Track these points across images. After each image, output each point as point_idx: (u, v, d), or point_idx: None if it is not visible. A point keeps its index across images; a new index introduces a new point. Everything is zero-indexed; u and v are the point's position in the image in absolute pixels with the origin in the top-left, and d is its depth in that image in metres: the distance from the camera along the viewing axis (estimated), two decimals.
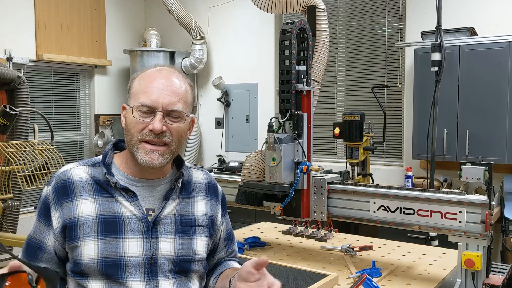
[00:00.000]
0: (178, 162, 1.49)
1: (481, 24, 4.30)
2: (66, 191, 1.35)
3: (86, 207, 1.34)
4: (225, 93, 5.89)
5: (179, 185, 1.43)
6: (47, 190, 1.38)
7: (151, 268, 1.34)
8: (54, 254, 1.37)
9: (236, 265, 1.59)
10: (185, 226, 1.41)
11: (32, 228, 1.39)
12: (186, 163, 1.52)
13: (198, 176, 1.53)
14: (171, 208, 1.40)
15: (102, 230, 1.32)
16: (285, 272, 2.23)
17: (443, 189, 3.69)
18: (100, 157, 1.43)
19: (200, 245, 1.44)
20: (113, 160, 1.43)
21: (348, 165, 4.01)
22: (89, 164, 1.41)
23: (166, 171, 1.44)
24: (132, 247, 1.33)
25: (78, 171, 1.39)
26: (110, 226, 1.33)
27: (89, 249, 1.31)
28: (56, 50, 5.43)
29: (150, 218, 1.36)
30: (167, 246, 1.37)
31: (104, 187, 1.37)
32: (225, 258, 1.61)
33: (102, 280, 1.32)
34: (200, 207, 1.47)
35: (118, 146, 1.48)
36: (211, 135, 6.08)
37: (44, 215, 1.36)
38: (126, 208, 1.35)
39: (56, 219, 1.34)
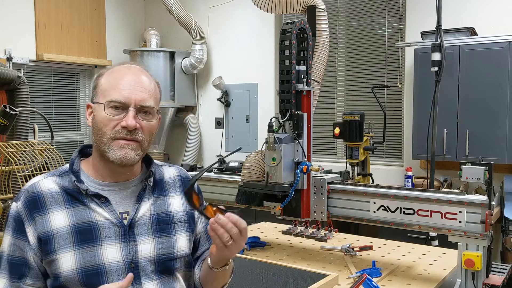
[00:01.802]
0: (147, 161, 1.46)
1: (481, 24, 4.30)
2: (36, 204, 1.31)
3: (59, 219, 1.30)
4: (225, 93, 5.89)
5: (151, 184, 1.41)
6: (18, 206, 1.32)
7: (133, 271, 1.31)
8: (38, 269, 1.32)
9: None
10: (163, 225, 1.39)
11: (7, 247, 1.32)
12: (157, 161, 1.49)
13: (170, 173, 1.50)
14: (145, 208, 1.38)
15: (78, 240, 1.29)
16: (285, 272, 2.23)
17: (443, 189, 3.69)
18: (67, 166, 1.39)
19: (181, 241, 1.42)
20: (81, 167, 1.39)
21: (348, 165, 4.01)
22: (57, 175, 1.37)
23: (136, 171, 1.41)
24: (111, 253, 1.30)
25: (47, 183, 1.34)
26: (85, 235, 1.30)
27: (67, 261, 1.28)
28: (56, 50, 5.43)
29: (125, 222, 1.34)
30: (147, 247, 1.35)
31: (74, 196, 1.33)
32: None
33: None
34: (176, 203, 1.44)
35: (84, 152, 1.44)
36: (211, 135, 6.08)
37: (20, 231, 1.31)
38: (99, 214, 1.32)
39: (31, 235, 1.30)
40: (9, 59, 4.95)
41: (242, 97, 5.83)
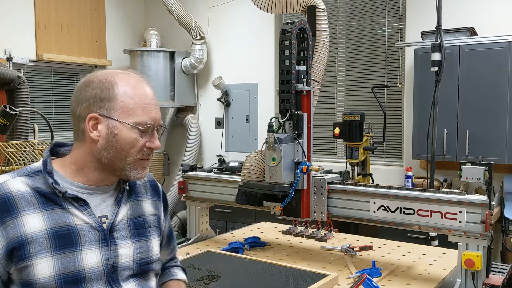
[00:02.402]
0: None
1: (481, 24, 4.30)
2: (6, 207, 1.20)
3: (34, 222, 1.21)
4: (225, 93, 5.89)
5: (127, 188, 1.39)
6: None
7: (111, 276, 1.28)
8: (0, 279, 1.22)
9: (180, 274, 1.59)
10: (139, 229, 1.37)
11: None
12: None
13: None
14: (124, 212, 1.35)
15: (57, 245, 1.21)
16: (285, 272, 2.23)
17: (443, 189, 3.69)
18: (36, 165, 1.30)
19: (155, 245, 1.42)
20: (53, 167, 1.30)
21: (348, 165, 4.01)
22: (26, 175, 1.27)
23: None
24: (91, 258, 1.25)
25: (15, 184, 1.24)
26: (64, 240, 1.22)
27: (44, 267, 1.20)
28: (56, 50, 5.43)
29: (104, 226, 1.30)
30: (126, 251, 1.32)
31: (50, 198, 1.24)
32: (168, 263, 1.60)
33: None
34: (148, 207, 1.44)
35: (54, 151, 1.36)
36: (211, 135, 6.07)
37: None
38: (78, 218, 1.26)
39: None
40: (9, 59, 4.95)
41: (242, 97, 5.83)
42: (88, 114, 1.26)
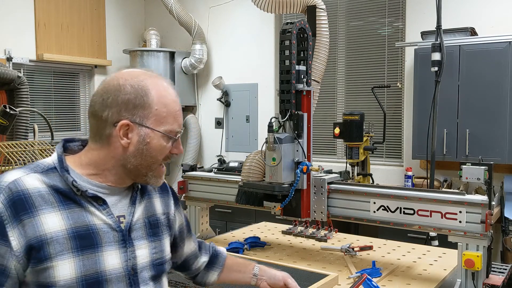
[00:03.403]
0: None
1: (481, 24, 4.30)
2: (23, 205, 1.15)
3: (53, 222, 1.16)
4: (225, 93, 5.89)
5: (139, 186, 1.37)
6: None
7: (133, 279, 1.26)
8: (17, 279, 1.16)
9: (226, 252, 1.68)
10: (154, 229, 1.36)
11: None
12: None
13: None
14: (139, 212, 1.33)
15: (78, 246, 1.18)
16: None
17: (443, 189, 3.69)
18: (48, 162, 1.25)
19: (167, 245, 1.41)
20: (68, 164, 1.26)
21: (348, 165, 4.01)
22: (40, 172, 1.22)
23: None
24: (112, 259, 1.22)
25: (30, 180, 1.19)
26: (85, 240, 1.19)
27: (65, 269, 1.15)
28: (56, 50, 5.43)
29: (122, 226, 1.27)
30: (143, 252, 1.30)
31: (68, 197, 1.20)
32: (203, 249, 1.65)
33: None
34: (158, 206, 1.42)
35: (66, 147, 1.31)
36: (211, 135, 6.08)
37: (0, 235, 1.13)
38: (97, 217, 1.23)
39: (16, 239, 1.13)
40: (9, 59, 4.95)
41: (242, 97, 5.83)
42: (119, 120, 1.22)
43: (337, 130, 3.70)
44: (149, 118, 1.23)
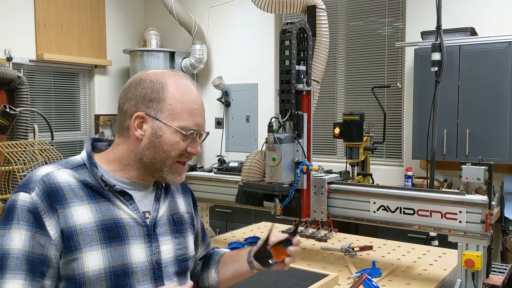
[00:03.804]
0: None
1: (481, 24, 4.30)
2: (56, 196, 1.20)
3: (82, 214, 1.21)
4: (225, 93, 5.89)
5: (163, 184, 1.40)
6: (32, 197, 1.18)
7: (157, 273, 1.30)
8: (58, 269, 1.19)
9: (226, 250, 1.67)
10: (178, 226, 1.40)
11: (21, 243, 1.16)
12: None
13: None
14: (164, 209, 1.37)
15: (106, 238, 1.22)
16: (285, 272, 2.23)
17: (443, 189, 3.69)
18: (78, 159, 1.31)
19: (191, 242, 1.45)
20: (96, 161, 1.31)
21: (348, 165, 4.01)
22: (70, 167, 1.27)
23: None
24: (137, 253, 1.26)
25: (62, 175, 1.24)
26: (113, 233, 1.23)
27: (93, 260, 1.19)
28: (56, 50, 5.43)
29: (148, 221, 1.31)
30: (167, 248, 1.34)
31: (97, 191, 1.25)
32: (208, 251, 1.67)
33: None
34: (182, 205, 1.46)
35: (93, 145, 1.37)
36: (211, 135, 6.07)
37: (39, 225, 1.17)
38: (124, 212, 1.27)
39: (53, 229, 1.18)
40: (9, 59, 4.95)
41: (242, 97, 5.83)
42: (135, 112, 1.26)
43: (337, 130, 3.70)
44: (163, 112, 1.26)
